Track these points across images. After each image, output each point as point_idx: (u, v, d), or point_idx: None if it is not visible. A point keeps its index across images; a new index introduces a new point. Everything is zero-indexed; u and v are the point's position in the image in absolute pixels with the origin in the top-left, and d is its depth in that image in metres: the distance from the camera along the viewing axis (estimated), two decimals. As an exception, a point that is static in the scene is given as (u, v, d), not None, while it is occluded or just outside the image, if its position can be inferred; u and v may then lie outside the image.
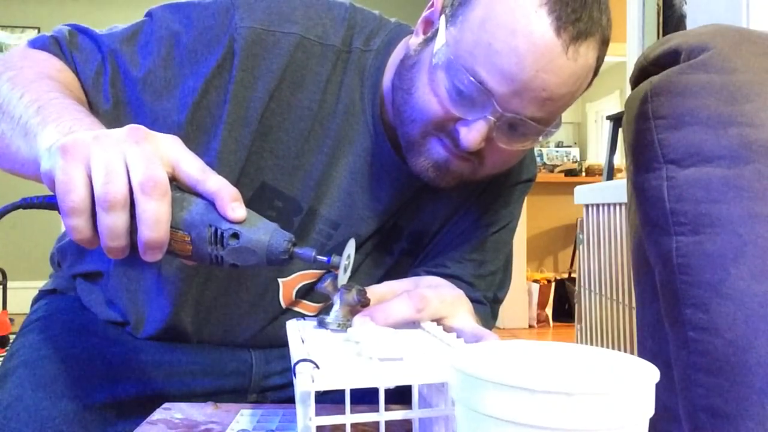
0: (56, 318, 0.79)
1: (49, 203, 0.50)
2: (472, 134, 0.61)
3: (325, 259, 0.53)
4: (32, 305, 0.85)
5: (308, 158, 0.71)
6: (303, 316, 0.77)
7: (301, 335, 0.53)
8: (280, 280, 0.75)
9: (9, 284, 3.63)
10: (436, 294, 0.59)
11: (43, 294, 0.86)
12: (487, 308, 0.82)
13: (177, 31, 0.67)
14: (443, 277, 0.66)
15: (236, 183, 0.67)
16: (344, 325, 0.55)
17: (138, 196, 0.45)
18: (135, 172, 0.45)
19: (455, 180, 0.67)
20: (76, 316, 0.79)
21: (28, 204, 0.51)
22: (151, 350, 0.76)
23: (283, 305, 0.77)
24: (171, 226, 0.48)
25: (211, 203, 0.49)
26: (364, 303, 0.56)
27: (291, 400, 0.79)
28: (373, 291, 0.59)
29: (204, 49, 0.66)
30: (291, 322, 0.59)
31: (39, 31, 4.77)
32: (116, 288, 0.77)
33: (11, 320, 3.23)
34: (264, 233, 0.50)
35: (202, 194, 0.49)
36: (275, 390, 0.81)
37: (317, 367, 0.40)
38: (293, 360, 0.42)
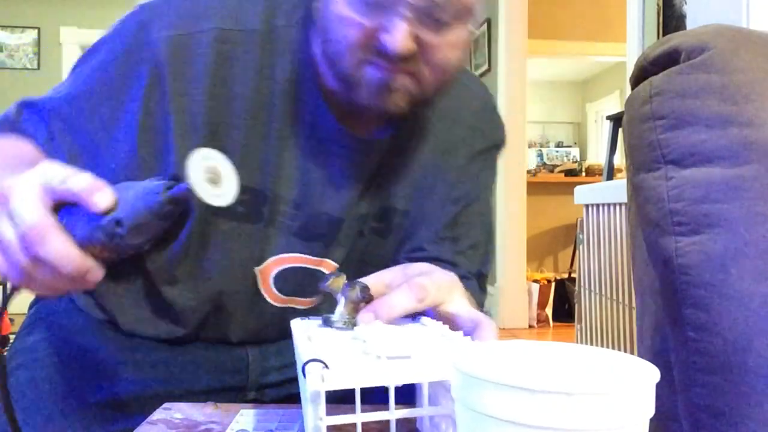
0: (52, 319, 0.79)
1: (16, 289, 0.54)
2: (394, 36, 0.60)
3: (183, 184, 0.51)
4: (29, 308, 0.85)
5: (259, 147, 0.70)
6: (294, 311, 0.77)
7: (308, 334, 0.53)
8: (255, 270, 0.74)
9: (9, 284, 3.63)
10: (432, 281, 0.59)
11: (39, 297, 0.86)
12: (474, 282, 0.81)
13: (102, 67, 0.68)
14: (424, 261, 0.66)
15: None
16: (350, 323, 0.55)
17: (30, 250, 0.48)
18: (18, 232, 0.48)
19: (404, 100, 0.65)
20: (73, 316, 0.79)
21: None
22: (148, 349, 0.76)
23: (267, 297, 0.76)
24: (81, 246, 0.50)
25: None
26: (367, 299, 0.56)
27: (290, 397, 0.79)
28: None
29: (131, 72, 0.67)
30: (296, 321, 0.59)
31: (39, 31, 4.77)
32: (107, 301, 0.77)
33: (11, 320, 3.23)
34: (137, 201, 0.50)
35: (75, 200, 0.51)
36: (274, 387, 0.81)
37: (327, 366, 0.40)
38: (302, 359, 0.42)
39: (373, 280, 0.60)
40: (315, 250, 0.75)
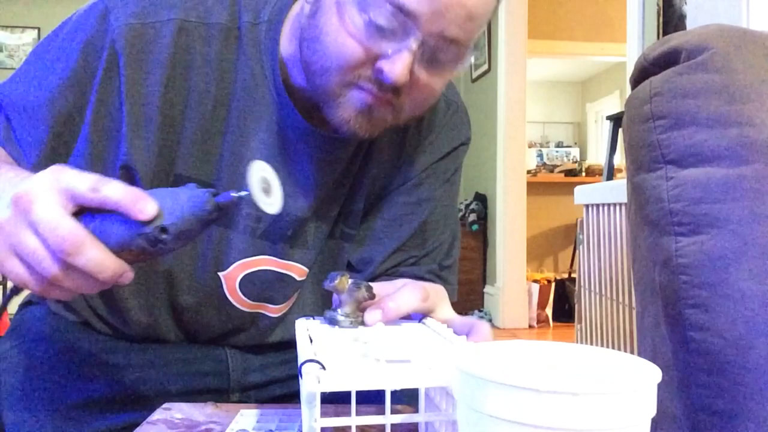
0: (28, 326, 0.79)
1: (18, 291, 0.54)
2: (397, 66, 0.58)
3: (244, 193, 0.52)
4: (16, 312, 0.85)
5: (216, 141, 0.69)
6: (266, 317, 0.76)
7: (310, 334, 0.53)
8: (220, 275, 0.73)
9: (9, 284, 3.63)
10: (427, 286, 0.60)
11: (20, 307, 0.85)
12: (438, 282, 0.78)
13: (65, 56, 0.66)
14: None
15: (152, 180, 0.66)
16: (355, 322, 0.56)
17: (65, 260, 0.47)
18: (46, 243, 0.47)
19: (378, 128, 0.64)
20: (47, 321, 0.78)
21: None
22: (122, 350, 0.75)
23: (234, 302, 0.74)
24: (115, 251, 0.50)
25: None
26: (372, 298, 0.57)
27: (274, 399, 0.78)
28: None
29: (91, 59, 0.65)
30: (300, 321, 0.59)
31: (39, 32, 4.77)
32: (75, 303, 0.76)
33: (10, 319, 3.24)
34: (184, 209, 0.50)
35: (112, 209, 0.50)
36: (257, 389, 0.79)
37: (323, 368, 0.40)
38: (300, 360, 0.42)
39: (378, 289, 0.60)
40: (281, 252, 0.73)
